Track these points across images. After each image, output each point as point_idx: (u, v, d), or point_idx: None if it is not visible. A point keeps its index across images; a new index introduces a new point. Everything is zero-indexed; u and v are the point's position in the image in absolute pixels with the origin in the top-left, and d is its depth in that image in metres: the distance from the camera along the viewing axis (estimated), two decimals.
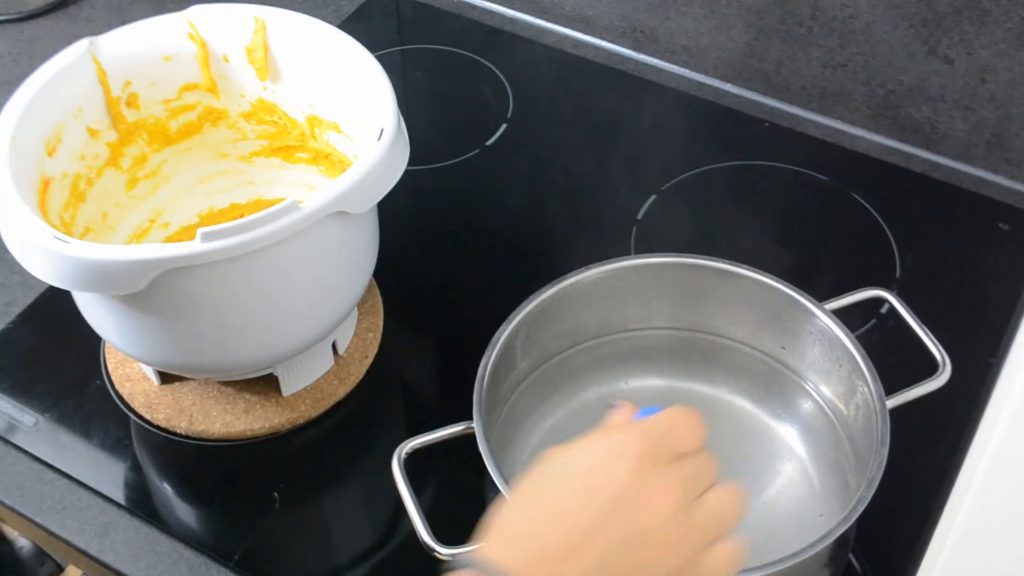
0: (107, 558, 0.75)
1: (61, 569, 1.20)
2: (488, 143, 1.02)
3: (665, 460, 0.51)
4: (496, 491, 0.65)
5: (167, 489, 0.80)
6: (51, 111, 0.77)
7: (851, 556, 0.72)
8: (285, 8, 0.82)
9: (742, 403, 0.78)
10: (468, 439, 0.67)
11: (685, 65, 1.08)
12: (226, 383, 0.82)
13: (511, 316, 0.73)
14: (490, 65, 1.09)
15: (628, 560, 0.49)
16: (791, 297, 0.74)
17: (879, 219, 0.94)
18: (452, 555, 0.63)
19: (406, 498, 0.66)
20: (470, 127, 1.04)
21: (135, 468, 0.80)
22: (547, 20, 1.13)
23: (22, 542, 1.18)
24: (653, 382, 0.79)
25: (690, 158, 0.99)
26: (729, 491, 0.52)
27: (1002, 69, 0.92)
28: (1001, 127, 0.95)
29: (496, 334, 0.72)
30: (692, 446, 0.52)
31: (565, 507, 0.49)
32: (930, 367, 0.72)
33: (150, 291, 0.67)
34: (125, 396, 0.82)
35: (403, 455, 0.67)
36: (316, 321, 0.77)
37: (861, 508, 0.62)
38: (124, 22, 0.82)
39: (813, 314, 0.73)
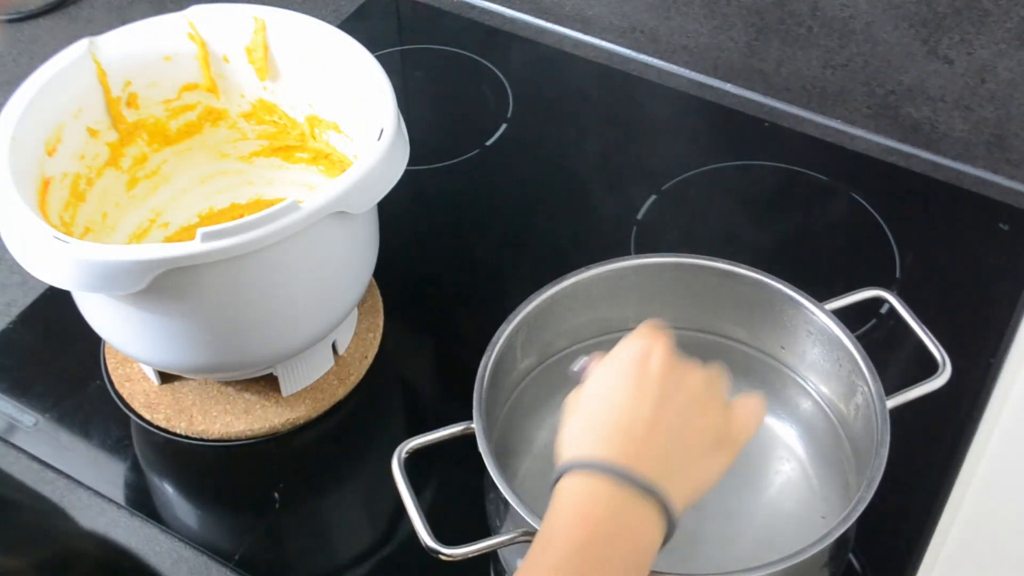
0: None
1: None
2: (488, 143, 1.02)
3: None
4: (496, 491, 0.65)
5: (167, 489, 0.80)
6: (51, 111, 0.77)
7: (851, 556, 0.72)
8: (285, 8, 0.82)
9: None
10: (468, 439, 0.67)
11: (685, 65, 1.08)
12: (226, 383, 0.82)
13: (511, 316, 0.72)
14: (490, 65, 1.09)
15: (690, 424, 0.59)
16: (791, 297, 0.73)
17: (879, 219, 0.94)
18: (452, 555, 0.63)
19: (406, 498, 0.66)
20: (470, 127, 1.04)
21: (135, 468, 0.80)
22: (547, 20, 1.13)
23: None
24: None
25: (690, 158, 0.99)
26: (711, 369, 0.62)
27: (1002, 69, 0.92)
28: (1001, 127, 0.95)
29: (496, 334, 0.72)
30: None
31: (626, 400, 0.58)
32: (930, 367, 0.71)
33: (150, 291, 0.67)
34: (125, 396, 0.82)
35: (403, 455, 0.67)
36: (316, 321, 0.77)
37: (861, 508, 0.62)
38: (124, 22, 0.82)
39: (813, 314, 0.73)
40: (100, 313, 0.74)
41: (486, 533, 0.67)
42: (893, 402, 0.69)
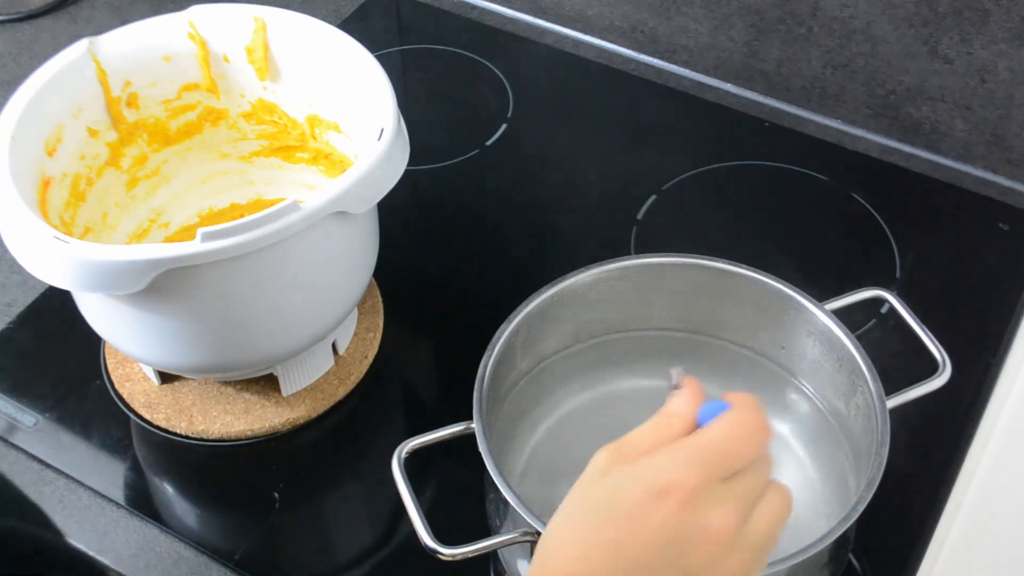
0: (107, 558, 0.75)
1: None
2: (488, 143, 1.02)
3: (719, 482, 0.48)
4: (496, 491, 0.65)
5: (167, 489, 0.80)
6: (51, 111, 0.77)
7: (851, 556, 0.72)
8: (285, 8, 0.82)
9: None
10: (468, 439, 0.67)
11: (685, 65, 1.08)
12: (226, 383, 0.82)
13: (511, 316, 0.72)
14: (490, 65, 1.09)
15: None
16: (791, 297, 0.73)
17: (879, 219, 0.94)
18: (452, 555, 0.63)
19: (406, 498, 0.66)
20: (470, 127, 1.04)
21: (135, 468, 0.80)
22: (547, 20, 1.13)
23: None
24: (653, 382, 0.79)
25: (690, 158, 0.99)
26: (778, 496, 0.50)
27: (1002, 69, 0.92)
28: (1001, 127, 0.95)
29: (496, 334, 0.71)
30: (754, 456, 0.49)
31: (610, 548, 0.46)
32: (930, 367, 0.71)
33: (150, 291, 0.67)
34: (125, 396, 0.82)
35: (403, 455, 0.67)
36: (316, 321, 0.77)
37: (861, 508, 0.62)
38: (124, 22, 0.82)
39: (813, 314, 0.73)
40: (100, 313, 0.74)
41: (486, 533, 0.67)
42: (893, 402, 0.69)
